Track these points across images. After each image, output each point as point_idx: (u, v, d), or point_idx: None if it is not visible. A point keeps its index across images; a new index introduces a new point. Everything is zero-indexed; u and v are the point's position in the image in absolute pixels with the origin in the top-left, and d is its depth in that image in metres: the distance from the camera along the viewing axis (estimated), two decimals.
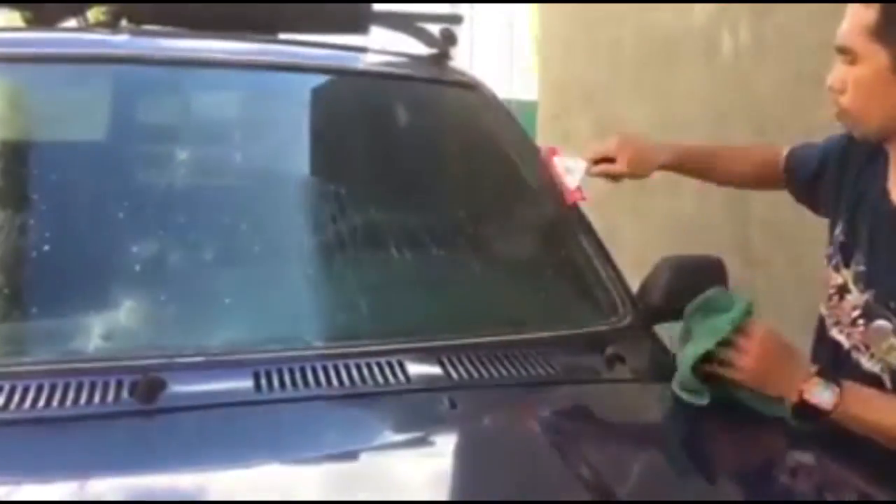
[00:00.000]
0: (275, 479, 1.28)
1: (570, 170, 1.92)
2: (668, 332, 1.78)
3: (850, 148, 1.69)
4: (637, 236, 3.88)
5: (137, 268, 1.60)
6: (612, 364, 1.64)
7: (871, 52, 1.50)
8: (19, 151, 1.82)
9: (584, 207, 2.00)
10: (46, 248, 1.58)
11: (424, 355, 1.57)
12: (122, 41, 2.04)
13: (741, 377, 1.47)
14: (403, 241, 1.86)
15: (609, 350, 1.66)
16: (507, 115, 2.26)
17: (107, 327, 1.53)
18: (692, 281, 1.86)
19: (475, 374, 1.53)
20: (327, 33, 2.35)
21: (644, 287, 1.91)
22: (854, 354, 1.59)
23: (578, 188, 1.92)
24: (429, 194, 2.01)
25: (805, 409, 1.42)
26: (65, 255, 1.59)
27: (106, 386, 1.37)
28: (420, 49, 2.31)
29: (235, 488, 1.25)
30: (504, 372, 1.56)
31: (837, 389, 1.42)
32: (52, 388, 1.35)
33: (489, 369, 1.55)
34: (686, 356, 1.51)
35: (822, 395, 1.41)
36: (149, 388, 1.35)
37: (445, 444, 1.48)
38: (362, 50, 2.30)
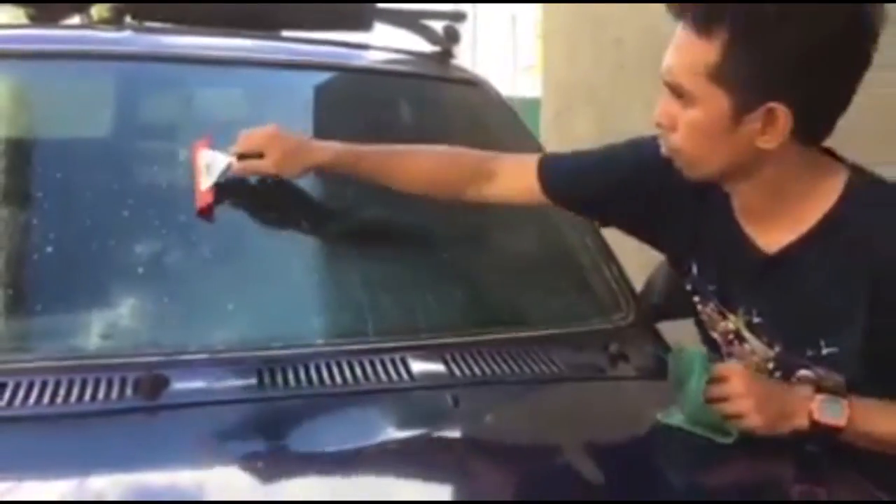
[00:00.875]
0: (277, 477, 1.28)
1: (210, 166, 1.64)
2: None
3: (673, 177, 1.43)
4: None
5: (141, 265, 1.60)
6: (614, 362, 1.65)
7: (709, 95, 1.28)
8: (23, 148, 1.81)
9: None
10: (50, 245, 1.58)
11: (428, 353, 1.57)
12: (125, 38, 2.05)
13: (756, 420, 1.30)
14: (407, 238, 1.87)
15: (612, 348, 1.66)
16: (510, 112, 2.27)
17: (110, 324, 1.53)
18: None
19: (478, 372, 1.54)
20: (331, 30, 2.35)
21: (647, 285, 1.92)
22: None
23: (211, 189, 1.63)
24: None
25: (819, 431, 1.29)
26: (68, 252, 1.59)
27: (110, 383, 1.37)
28: (423, 46, 2.32)
29: (237, 486, 1.24)
30: (507, 369, 1.56)
31: (845, 401, 1.29)
32: (56, 385, 1.35)
33: (492, 367, 1.55)
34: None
35: (833, 409, 1.28)
36: (152, 385, 1.35)
37: (449, 442, 1.48)
38: (366, 47, 2.30)
